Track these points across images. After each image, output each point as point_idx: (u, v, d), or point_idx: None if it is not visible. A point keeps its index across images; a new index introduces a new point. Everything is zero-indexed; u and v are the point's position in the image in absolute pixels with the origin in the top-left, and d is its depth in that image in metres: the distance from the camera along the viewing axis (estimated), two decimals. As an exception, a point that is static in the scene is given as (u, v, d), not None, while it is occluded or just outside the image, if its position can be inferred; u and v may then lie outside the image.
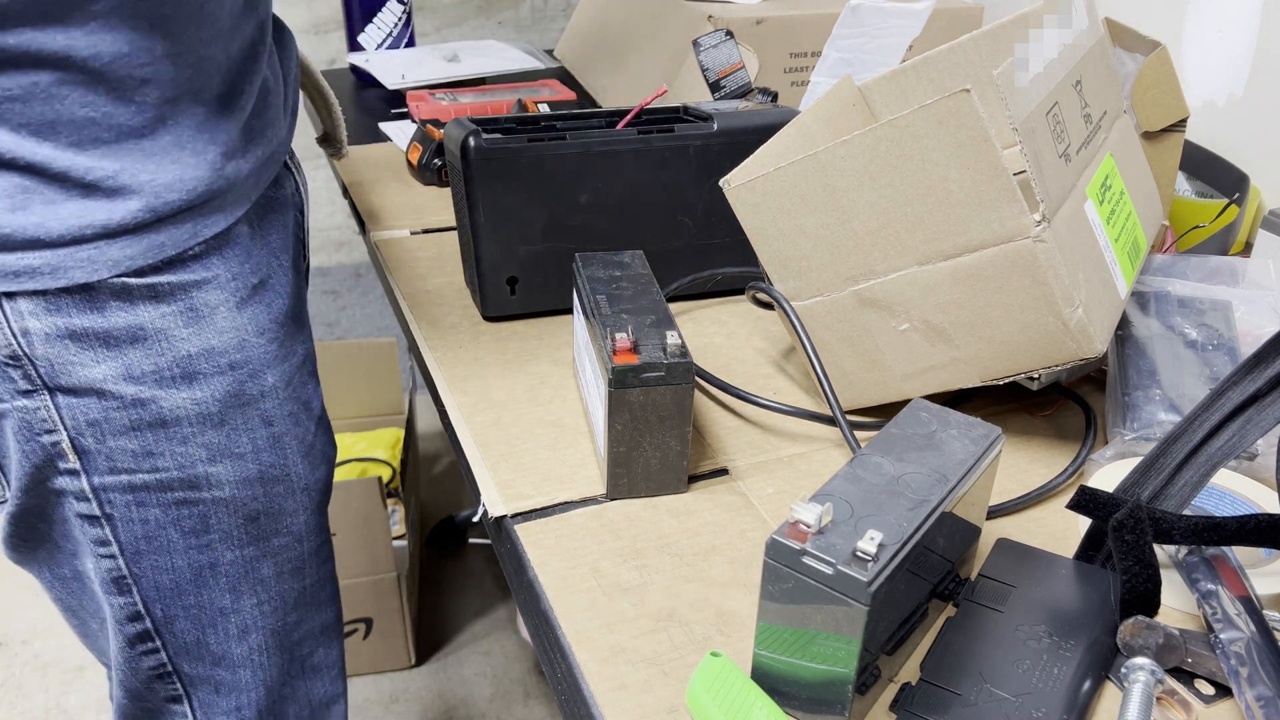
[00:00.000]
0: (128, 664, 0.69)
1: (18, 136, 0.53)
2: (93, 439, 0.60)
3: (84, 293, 0.56)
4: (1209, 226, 0.92)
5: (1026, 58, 0.61)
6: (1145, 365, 0.70)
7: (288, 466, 0.68)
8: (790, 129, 0.74)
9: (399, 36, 1.58)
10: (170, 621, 0.68)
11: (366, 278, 2.26)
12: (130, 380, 0.59)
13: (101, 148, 0.54)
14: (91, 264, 0.56)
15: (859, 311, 0.67)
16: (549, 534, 0.60)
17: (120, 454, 0.61)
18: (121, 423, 0.60)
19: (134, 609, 0.66)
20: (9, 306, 0.55)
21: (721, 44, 1.10)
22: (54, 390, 0.58)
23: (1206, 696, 0.50)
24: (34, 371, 0.57)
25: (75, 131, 0.54)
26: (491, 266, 0.81)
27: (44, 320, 0.56)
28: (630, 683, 0.50)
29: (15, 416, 0.59)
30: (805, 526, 0.44)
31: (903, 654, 0.50)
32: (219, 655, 0.70)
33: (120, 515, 0.63)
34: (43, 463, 0.61)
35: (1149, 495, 0.56)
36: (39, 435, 0.59)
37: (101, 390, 0.59)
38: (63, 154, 0.54)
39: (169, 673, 0.70)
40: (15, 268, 0.54)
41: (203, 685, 0.71)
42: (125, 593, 0.66)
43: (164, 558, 0.65)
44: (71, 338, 0.57)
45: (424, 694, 1.63)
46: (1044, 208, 0.58)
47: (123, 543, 0.64)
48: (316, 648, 0.77)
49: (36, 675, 1.66)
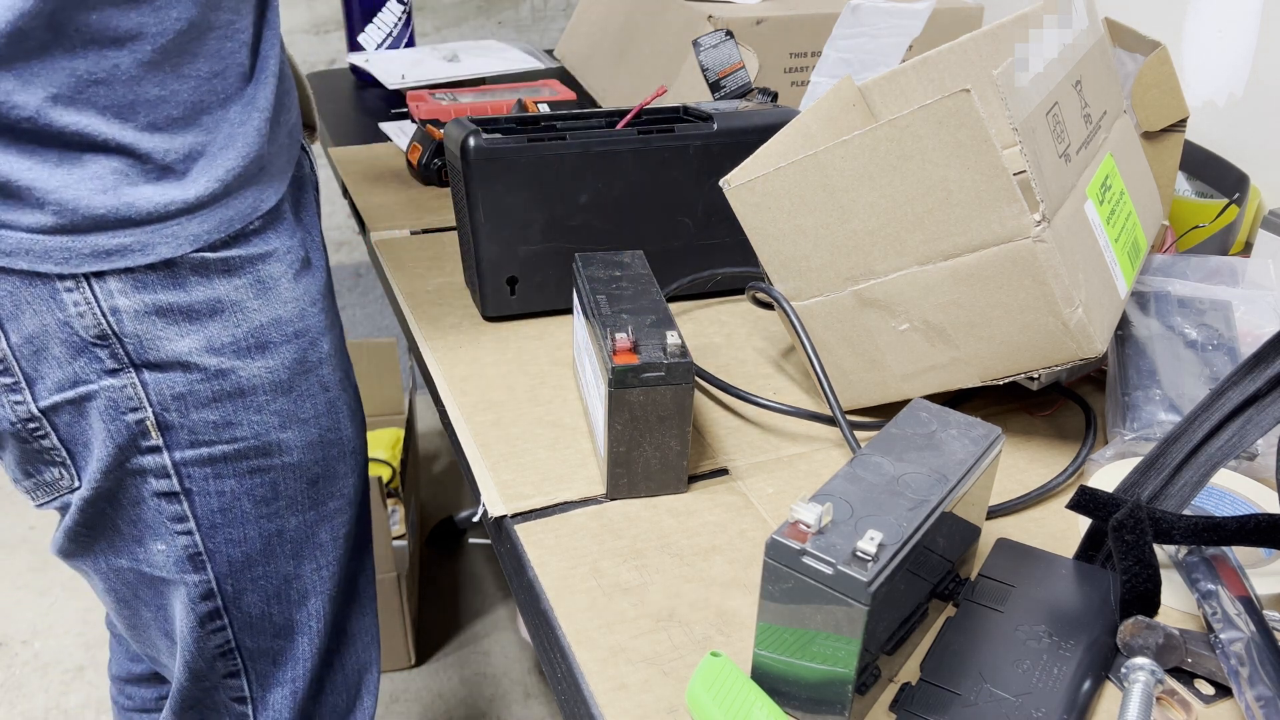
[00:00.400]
0: (196, 644, 0.71)
1: (104, 119, 0.55)
2: (177, 413, 0.62)
3: (167, 269, 0.59)
4: (1209, 226, 0.92)
5: (1026, 58, 0.61)
6: (1145, 365, 0.70)
7: (340, 429, 0.72)
8: (790, 129, 0.74)
9: (399, 36, 1.58)
10: (239, 596, 0.70)
11: (366, 278, 2.26)
12: (212, 352, 0.62)
13: (173, 126, 0.58)
14: (175, 239, 0.59)
15: (859, 311, 0.66)
16: (549, 534, 0.60)
17: (202, 426, 0.63)
18: (205, 394, 0.63)
19: (207, 586, 0.69)
20: (99, 286, 0.58)
21: (721, 44, 1.10)
22: (140, 367, 0.61)
23: (1206, 696, 0.50)
24: (121, 350, 0.60)
25: (150, 111, 0.56)
26: (491, 266, 0.81)
27: (132, 298, 0.59)
28: (630, 683, 0.50)
29: (103, 396, 0.61)
30: (805, 526, 0.44)
31: (903, 654, 0.50)
32: (280, 625, 0.73)
33: (198, 489, 0.65)
34: (126, 442, 0.62)
35: (1149, 495, 0.56)
36: (124, 414, 0.61)
37: (187, 363, 0.61)
38: (144, 135, 0.57)
39: (232, 649, 0.72)
40: (107, 247, 0.57)
41: (261, 658, 0.73)
42: (200, 569, 0.68)
43: (237, 529, 0.67)
44: (158, 313, 0.60)
45: (424, 694, 1.63)
46: (1044, 208, 0.58)
47: (199, 517, 0.66)
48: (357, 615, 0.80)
49: (36, 675, 1.66)
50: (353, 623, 0.80)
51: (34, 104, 0.53)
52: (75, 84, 0.54)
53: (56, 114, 0.54)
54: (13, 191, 0.54)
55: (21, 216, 0.55)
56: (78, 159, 0.55)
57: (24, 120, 0.53)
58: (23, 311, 0.57)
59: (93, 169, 0.56)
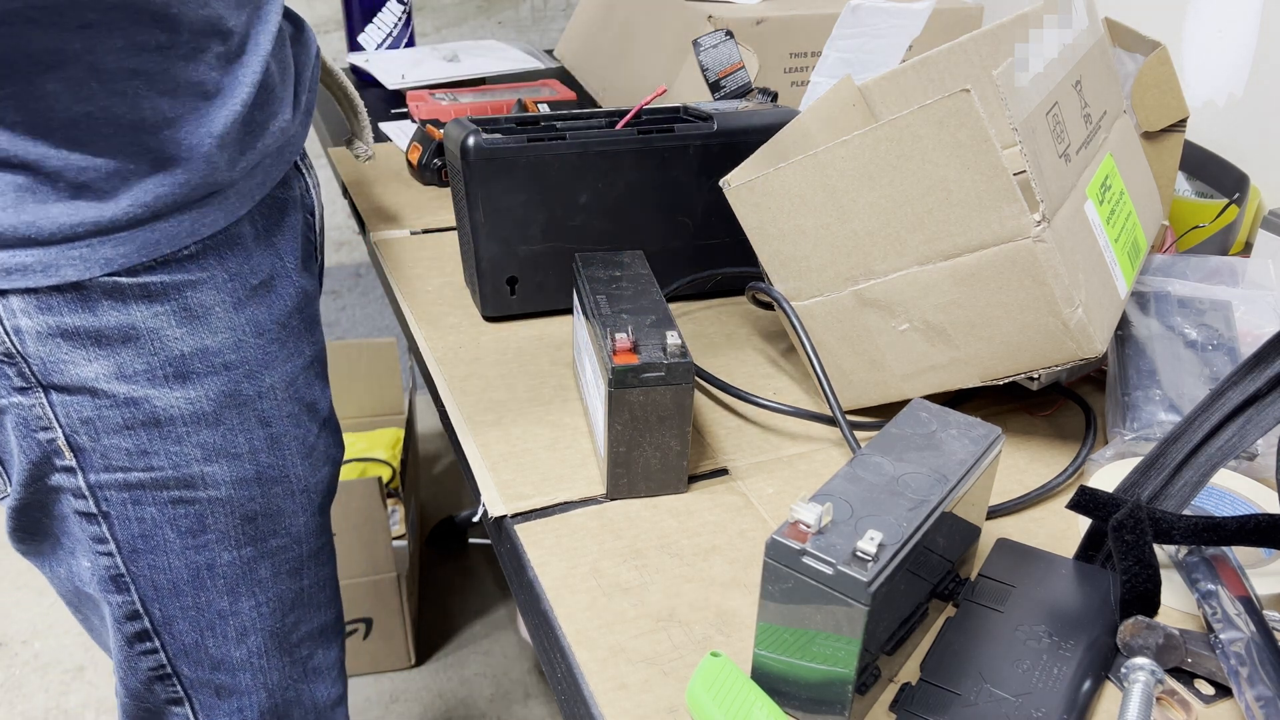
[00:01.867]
0: (127, 663, 0.69)
1: (12, 135, 0.52)
2: (87, 437, 0.60)
3: (75, 291, 0.56)
4: (1209, 226, 0.92)
5: (1026, 58, 0.61)
6: (1145, 365, 0.70)
7: (286, 467, 0.68)
8: (790, 129, 0.74)
9: (399, 36, 1.58)
10: (169, 622, 0.67)
11: (366, 278, 2.26)
12: (122, 379, 0.59)
13: (98, 143, 0.54)
14: (83, 262, 0.55)
15: (859, 311, 0.66)
16: (549, 534, 0.60)
17: (115, 452, 0.61)
18: (115, 421, 0.60)
19: (132, 608, 0.66)
20: (1, 305, 0.55)
21: (721, 44, 1.10)
22: (48, 388, 0.58)
23: (1206, 696, 0.50)
24: (28, 369, 0.57)
25: (71, 128, 0.53)
26: (491, 266, 0.81)
27: (36, 319, 0.56)
28: (630, 683, 0.50)
29: (13, 413, 0.59)
30: (805, 526, 0.44)
31: (903, 654, 0.50)
32: (218, 659, 0.70)
33: (117, 513, 0.63)
34: (40, 459, 0.61)
35: (1149, 495, 0.56)
36: (35, 432, 0.59)
37: (94, 389, 0.59)
38: (56, 152, 0.53)
39: (169, 674, 0.70)
40: (8, 265, 0.54)
41: (203, 689, 0.71)
42: (123, 591, 0.65)
43: (161, 557, 0.65)
44: (63, 336, 0.57)
45: (424, 694, 1.63)
46: (1044, 208, 0.58)
47: (120, 540, 0.64)
48: (316, 649, 0.76)
49: (36, 675, 1.66)
50: (320, 658, 0.77)
51: None
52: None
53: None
54: None
55: None
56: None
57: None
58: None
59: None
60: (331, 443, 0.74)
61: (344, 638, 0.81)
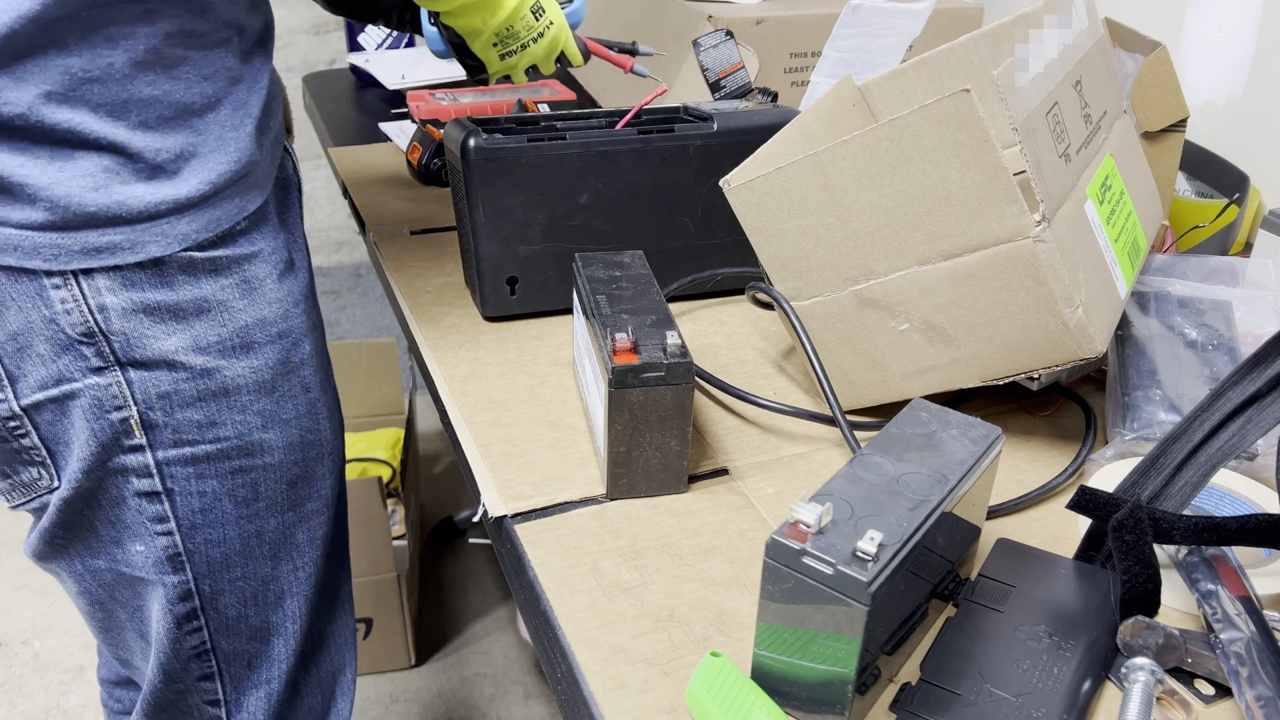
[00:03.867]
0: (172, 645, 0.71)
1: (96, 117, 0.56)
2: (161, 412, 0.63)
3: (155, 268, 0.60)
4: (1209, 226, 0.92)
5: (1026, 58, 0.61)
6: (1145, 365, 0.70)
7: (320, 431, 0.72)
8: (790, 129, 0.74)
9: (399, 37, 1.57)
10: (216, 597, 0.70)
11: (366, 278, 2.26)
12: (198, 351, 0.62)
13: (164, 126, 0.58)
14: (164, 238, 0.59)
15: (859, 311, 0.66)
16: (549, 534, 0.60)
17: (186, 426, 0.64)
18: (190, 394, 0.63)
19: (186, 587, 0.69)
20: (86, 284, 0.58)
21: (721, 44, 1.10)
22: (125, 365, 0.61)
23: (1206, 696, 0.50)
24: (107, 347, 0.60)
25: (143, 111, 0.57)
26: (491, 266, 0.81)
27: (120, 296, 0.59)
28: (630, 683, 0.50)
29: (87, 395, 0.61)
30: (805, 526, 0.44)
31: (903, 654, 0.50)
32: (256, 628, 0.73)
33: (180, 489, 0.65)
34: (109, 440, 0.62)
35: (1149, 495, 0.56)
36: (108, 412, 0.62)
37: (172, 361, 0.62)
38: (135, 134, 0.57)
39: (207, 651, 0.72)
40: (97, 244, 0.57)
41: (236, 661, 0.73)
42: (179, 570, 0.68)
43: (217, 530, 0.68)
44: (145, 312, 0.60)
45: (424, 694, 1.63)
46: (1044, 208, 0.58)
47: (180, 517, 0.66)
48: (334, 617, 0.80)
49: (36, 675, 1.66)
50: (327, 625, 0.79)
51: (26, 101, 0.53)
52: (69, 82, 0.54)
53: (49, 111, 0.54)
54: (5, 187, 0.55)
55: (11, 213, 0.55)
56: (70, 156, 0.56)
57: (16, 118, 0.54)
58: (7, 308, 0.58)
59: (85, 166, 0.56)
60: (339, 410, 0.78)
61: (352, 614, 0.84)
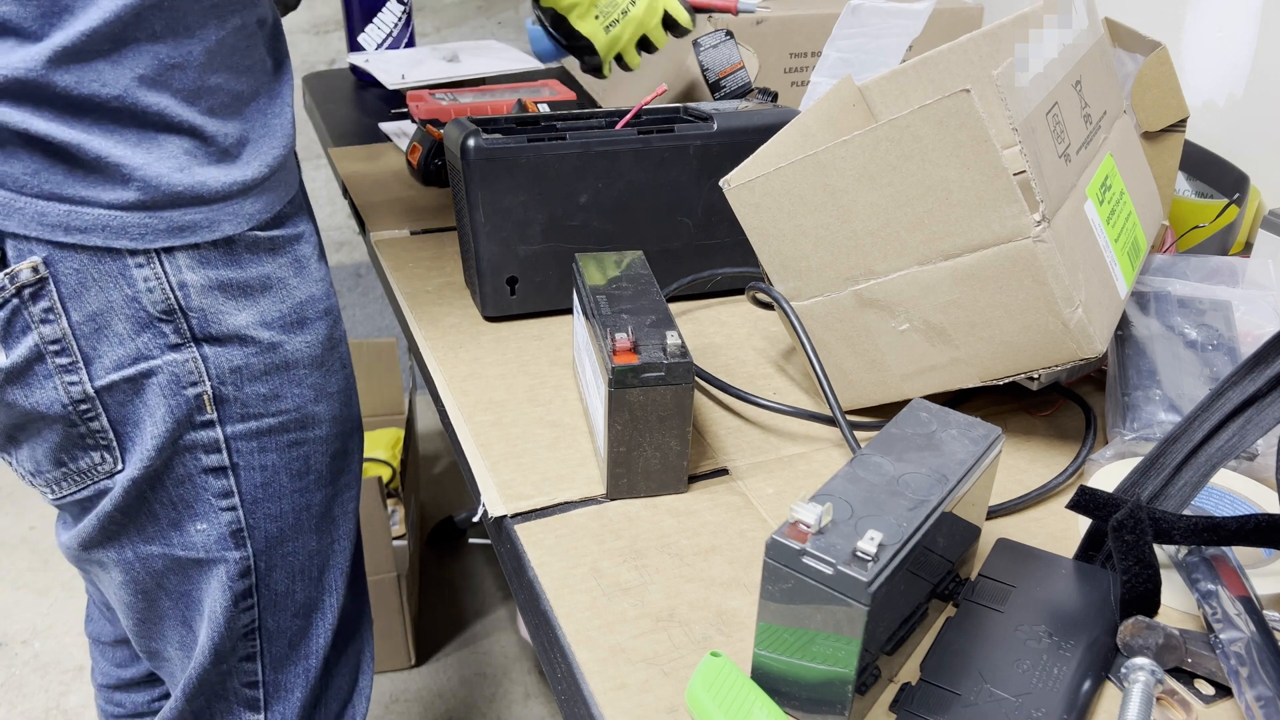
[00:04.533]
0: (228, 624, 0.72)
1: (178, 102, 0.58)
2: (233, 386, 0.65)
3: (226, 246, 0.63)
4: (1209, 226, 0.92)
5: (1026, 58, 0.61)
6: (1145, 365, 0.70)
7: (353, 406, 0.76)
8: (790, 129, 0.74)
9: (399, 37, 1.57)
10: (269, 573, 0.72)
11: (366, 278, 2.26)
12: (265, 326, 0.65)
13: (226, 113, 0.61)
14: (236, 218, 0.62)
15: (859, 311, 0.67)
16: (549, 534, 0.60)
17: (253, 399, 0.67)
18: (258, 367, 0.66)
19: (246, 563, 0.70)
20: (168, 262, 0.60)
21: (721, 44, 1.10)
22: (201, 341, 0.63)
23: (1206, 696, 0.50)
24: (185, 324, 0.62)
25: (210, 98, 0.60)
26: (491, 266, 0.81)
27: (198, 273, 0.62)
28: (630, 683, 0.50)
29: (165, 371, 0.63)
30: (805, 526, 0.44)
31: (903, 654, 0.50)
32: (301, 603, 0.75)
33: (245, 464, 0.68)
34: (184, 417, 0.64)
35: (1149, 495, 0.56)
36: (185, 389, 0.64)
37: (244, 336, 0.64)
38: (208, 119, 0.60)
39: (254, 630, 0.74)
40: (181, 223, 0.60)
41: (279, 639, 0.75)
42: (241, 545, 0.70)
43: (275, 503, 0.70)
44: (220, 288, 0.63)
45: (424, 694, 1.63)
46: (1044, 208, 0.58)
47: (244, 492, 0.68)
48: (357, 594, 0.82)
49: (36, 675, 1.66)
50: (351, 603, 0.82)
51: (123, 83, 0.56)
52: (157, 68, 0.57)
53: (141, 94, 0.57)
54: (100, 168, 0.57)
55: (102, 193, 0.57)
56: (155, 139, 0.58)
57: (113, 99, 0.56)
58: (88, 289, 0.59)
59: (169, 148, 0.59)
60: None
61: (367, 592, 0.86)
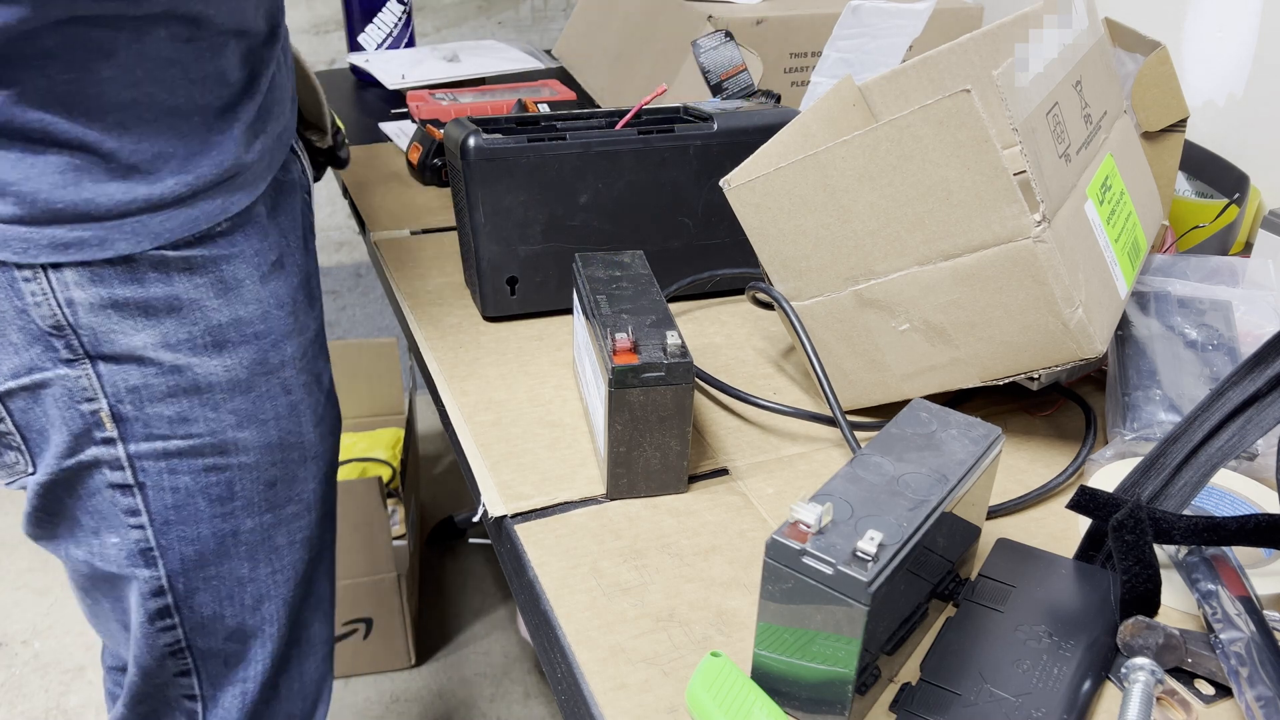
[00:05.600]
0: (145, 640, 0.71)
1: (72, 119, 0.56)
2: (131, 405, 0.63)
3: (126, 264, 0.60)
4: (1209, 226, 0.92)
5: (1026, 58, 0.61)
6: (1145, 365, 0.70)
7: (302, 433, 0.72)
8: (790, 129, 0.74)
9: (399, 36, 1.58)
10: (190, 595, 0.70)
11: (366, 278, 2.26)
12: (167, 347, 0.63)
13: (143, 127, 0.58)
14: (135, 236, 0.59)
15: (859, 311, 0.67)
16: (549, 534, 0.60)
17: (157, 420, 0.64)
18: (160, 389, 0.63)
19: (158, 583, 0.69)
20: (55, 278, 0.59)
21: (722, 45, 1.10)
22: (95, 358, 0.61)
23: (1206, 696, 0.50)
24: (76, 341, 0.60)
25: (121, 112, 0.57)
26: (491, 266, 0.81)
27: (88, 290, 0.59)
28: (630, 683, 0.50)
29: (58, 385, 0.61)
30: (805, 526, 0.44)
31: (903, 654, 0.50)
32: (233, 628, 0.73)
33: (152, 483, 0.65)
34: (81, 431, 0.63)
35: (1149, 495, 0.56)
36: (79, 403, 0.62)
37: (141, 357, 0.62)
38: (110, 135, 0.57)
39: (182, 649, 0.72)
40: (65, 240, 0.58)
41: (213, 659, 0.73)
42: (151, 565, 0.68)
43: (191, 527, 0.68)
44: (114, 307, 0.60)
45: (424, 694, 1.63)
46: (1044, 208, 0.58)
47: (153, 512, 0.66)
48: (314, 622, 0.79)
49: (36, 675, 1.66)
50: (309, 631, 0.79)
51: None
52: (45, 84, 0.55)
53: (19, 111, 0.55)
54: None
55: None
56: (40, 153, 0.56)
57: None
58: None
59: (54, 163, 0.56)
60: (334, 415, 0.78)
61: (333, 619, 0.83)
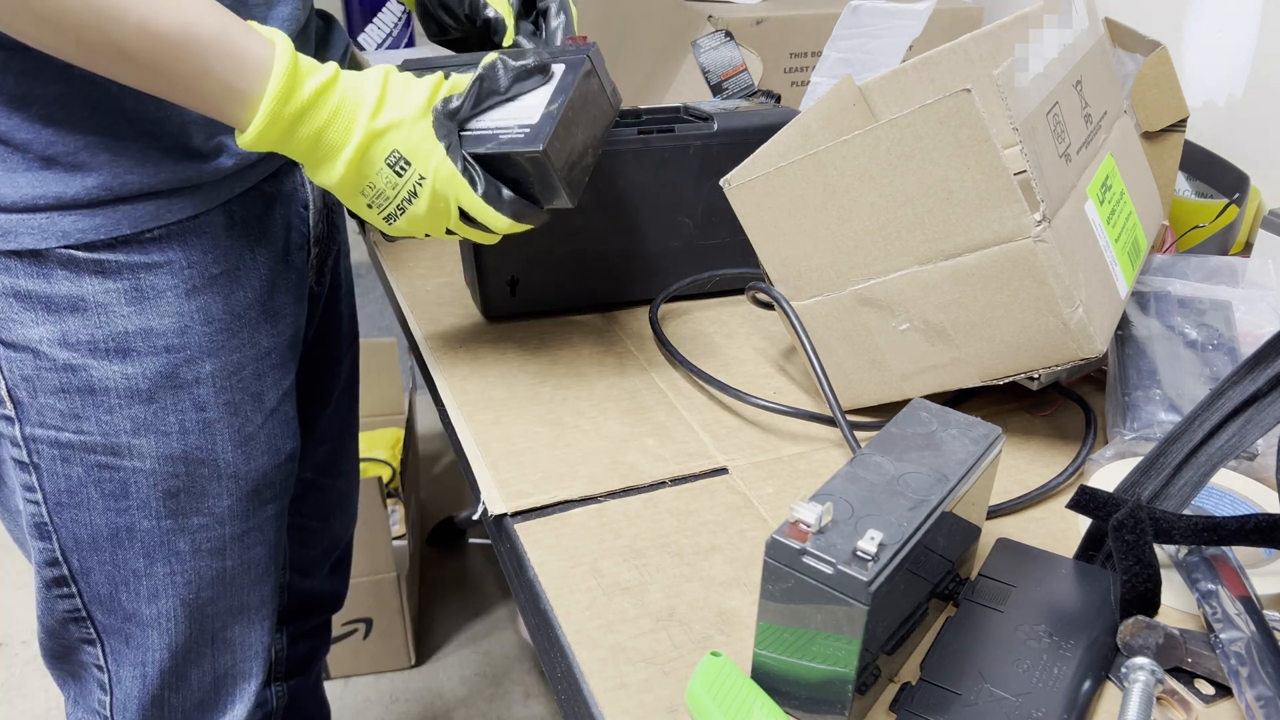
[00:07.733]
0: (45, 603, 0.72)
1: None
2: (26, 393, 0.63)
3: (33, 258, 0.60)
4: (1209, 226, 0.92)
5: (1026, 58, 0.61)
6: (1145, 365, 0.70)
7: (216, 452, 0.70)
8: (790, 129, 0.74)
9: (399, 36, 1.58)
10: (86, 573, 0.70)
11: (366, 278, 2.26)
12: (65, 346, 0.62)
13: (73, 123, 0.57)
14: (42, 232, 0.59)
15: (859, 311, 0.66)
16: (549, 533, 0.60)
17: (49, 411, 0.64)
18: (52, 383, 0.63)
19: (52, 555, 0.69)
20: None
21: (722, 45, 1.10)
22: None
23: (1206, 696, 0.50)
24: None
25: (45, 105, 0.57)
26: (491, 266, 0.81)
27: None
28: (630, 682, 0.50)
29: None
30: (805, 526, 0.44)
31: (903, 654, 0.50)
32: (130, 612, 0.73)
33: (46, 467, 0.66)
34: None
35: (1149, 495, 0.56)
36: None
37: (36, 350, 0.62)
38: (29, 126, 0.57)
39: (83, 618, 0.73)
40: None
41: (114, 634, 0.74)
42: (45, 539, 0.69)
43: (83, 513, 0.68)
44: (15, 297, 0.61)
45: (424, 694, 1.63)
46: (1044, 208, 0.58)
47: (46, 492, 0.67)
48: (232, 624, 0.78)
49: (36, 675, 1.66)
50: (235, 632, 0.78)
51: None
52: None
53: None
54: None
55: None
56: None
57: None
58: None
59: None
60: (279, 434, 0.75)
61: (274, 621, 0.82)
